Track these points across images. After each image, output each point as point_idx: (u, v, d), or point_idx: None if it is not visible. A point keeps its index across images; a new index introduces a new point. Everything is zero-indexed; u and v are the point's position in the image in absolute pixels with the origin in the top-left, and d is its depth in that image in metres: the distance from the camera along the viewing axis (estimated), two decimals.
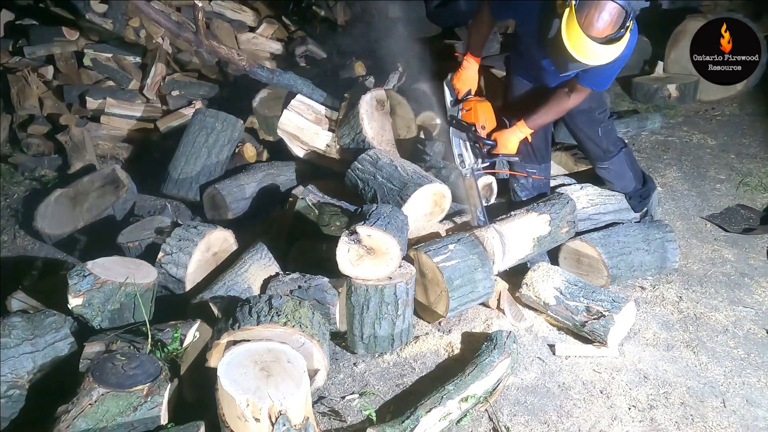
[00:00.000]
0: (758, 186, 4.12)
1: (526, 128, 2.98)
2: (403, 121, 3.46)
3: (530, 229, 3.01)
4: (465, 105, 3.08)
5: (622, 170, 3.30)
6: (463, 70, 3.08)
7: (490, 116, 3.06)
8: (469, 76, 3.08)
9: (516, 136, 2.99)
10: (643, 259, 3.09)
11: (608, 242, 3.06)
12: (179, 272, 2.72)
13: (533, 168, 3.24)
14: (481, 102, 3.07)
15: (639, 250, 3.09)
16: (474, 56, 3.05)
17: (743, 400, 2.51)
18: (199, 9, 3.33)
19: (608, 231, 3.16)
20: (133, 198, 3.58)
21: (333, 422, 2.34)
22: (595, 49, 2.37)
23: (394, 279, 2.55)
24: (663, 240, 3.16)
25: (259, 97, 3.99)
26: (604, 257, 3.00)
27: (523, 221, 3.03)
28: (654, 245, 3.12)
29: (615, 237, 3.10)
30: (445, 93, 3.19)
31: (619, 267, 3.03)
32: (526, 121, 2.96)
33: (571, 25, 2.34)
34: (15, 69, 4.14)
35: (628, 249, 3.07)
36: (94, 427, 1.94)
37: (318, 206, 3.00)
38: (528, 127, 2.97)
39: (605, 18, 2.33)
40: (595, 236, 3.10)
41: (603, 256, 3.00)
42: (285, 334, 2.19)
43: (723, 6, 5.91)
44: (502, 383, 2.48)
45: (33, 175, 3.98)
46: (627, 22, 2.35)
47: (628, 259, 3.06)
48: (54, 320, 2.34)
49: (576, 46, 2.37)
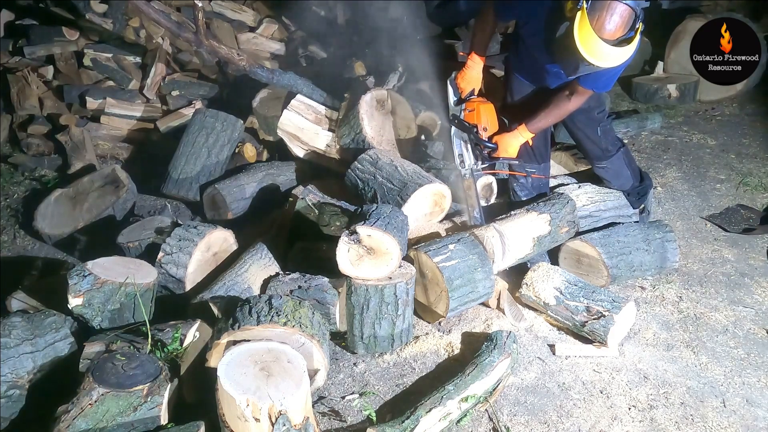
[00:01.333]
0: (758, 186, 4.12)
1: (527, 132, 2.99)
2: (403, 121, 3.46)
3: (530, 229, 3.01)
4: (468, 105, 3.08)
5: (620, 169, 3.30)
6: (468, 69, 3.07)
7: (492, 118, 3.06)
8: (474, 75, 3.08)
9: (517, 140, 3.00)
10: (643, 259, 3.09)
11: (608, 242, 3.06)
12: (179, 272, 2.72)
13: (533, 168, 3.24)
14: (484, 103, 3.07)
15: (639, 250, 3.09)
16: (478, 55, 3.05)
17: (743, 400, 2.51)
18: (199, 9, 3.33)
19: (608, 231, 3.16)
20: (133, 198, 3.58)
21: (333, 422, 2.34)
22: (608, 51, 2.37)
23: (394, 279, 2.55)
24: (663, 240, 3.16)
25: (259, 97, 3.99)
26: (604, 257, 3.00)
27: (523, 221, 3.03)
28: (654, 245, 3.12)
29: (615, 237, 3.10)
30: (448, 92, 3.19)
31: (619, 267, 3.03)
32: (527, 125, 2.97)
33: (583, 27, 2.34)
34: (15, 69, 4.14)
35: (628, 249, 3.07)
36: (94, 427, 1.94)
37: (318, 206, 3.00)
38: (529, 131, 2.98)
39: (616, 20, 2.33)
40: (595, 236, 3.10)
41: (603, 256, 3.00)
42: (285, 334, 2.19)
43: (723, 6, 5.91)
44: (502, 383, 2.48)
45: (33, 175, 3.97)
46: (636, 24, 2.35)
47: (628, 259, 3.06)
48: (54, 320, 2.34)
49: (589, 48, 2.37)
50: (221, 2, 4.92)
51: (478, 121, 3.02)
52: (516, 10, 2.84)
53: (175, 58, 4.50)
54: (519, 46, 3.05)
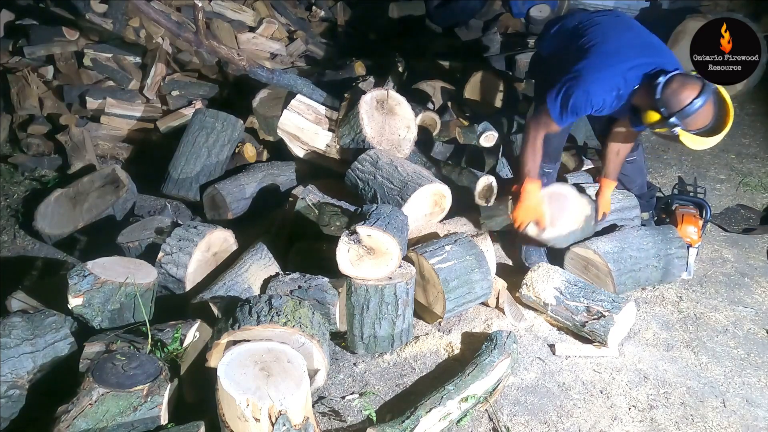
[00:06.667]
0: (758, 186, 4.12)
1: (613, 183, 3.09)
2: (403, 121, 3.46)
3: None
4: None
5: (641, 163, 3.36)
6: (526, 198, 2.89)
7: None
8: (533, 204, 2.91)
9: (610, 194, 3.11)
10: (650, 275, 3.04)
11: (621, 258, 2.95)
12: (179, 272, 2.72)
13: (549, 168, 3.22)
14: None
15: (648, 266, 3.01)
16: (535, 180, 2.88)
17: (743, 400, 2.51)
18: (199, 9, 3.32)
19: (621, 244, 3.02)
20: (133, 198, 3.58)
21: (333, 422, 2.34)
22: (712, 140, 2.48)
23: (394, 279, 2.55)
24: (673, 256, 3.06)
25: (259, 97, 3.99)
26: (614, 274, 2.91)
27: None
28: (664, 261, 3.04)
29: (628, 252, 2.98)
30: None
31: (626, 283, 2.98)
32: (609, 178, 3.07)
33: (690, 139, 2.46)
34: (15, 69, 4.14)
35: (638, 266, 2.98)
36: (94, 427, 1.94)
37: (318, 206, 3.00)
38: (613, 181, 3.08)
39: (709, 112, 2.41)
40: (609, 250, 2.97)
41: (613, 273, 2.91)
42: (285, 334, 2.19)
43: (723, 6, 5.91)
44: (502, 383, 2.48)
45: (33, 175, 3.97)
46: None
47: (636, 275, 2.99)
48: (54, 320, 2.35)
49: (699, 145, 2.50)
50: (221, 2, 4.92)
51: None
52: (579, 113, 2.68)
53: (175, 58, 4.49)
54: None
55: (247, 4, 5.11)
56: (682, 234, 3.20)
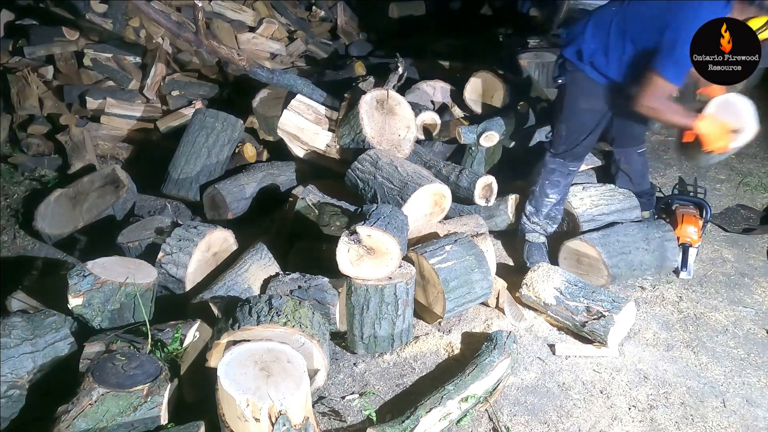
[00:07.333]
0: (758, 186, 4.12)
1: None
2: (403, 121, 3.46)
3: None
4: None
5: (646, 160, 3.39)
6: (707, 129, 2.87)
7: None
8: (716, 128, 2.90)
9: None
10: (643, 258, 3.09)
11: (608, 242, 3.06)
12: (179, 272, 2.72)
13: (574, 166, 3.20)
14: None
15: (639, 249, 3.09)
16: (696, 117, 2.90)
17: (743, 400, 2.51)
18: (199, 9, 3.32)
19: (607, 230, 3.16)
20: (133, 198, 3.58)
21: (333, 422, 2.34)
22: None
23: (394, 279, 2.55)
24: (662, 239, 3.15)
25: (259, 97, 3.99)
26: (604, 257, 3.00)
27: None
28: (654, 244, 3.12)
29: (614, 236, 3.10)
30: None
31: (619, 266, 3.03)
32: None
33: None
34: (15, 69, 4.14)
35: (627, 248, 3.07)
36: (94, 427, 1.94)
37: (318, 206, 3.00)
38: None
39: None
40: (595, 236, 3.10)
41: (603, 256, 3.00)
42: (285, 334, 2.19)
43: None
44: (502, 383, 2.48)
45: (33, 175, 3.97)
46: None
47: (627, 258, 3.06)
48: (54, 320, 2.34)
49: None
50: (221, 2, 4.92)
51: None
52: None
53: (175, 58, 4.49)
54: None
55: (247, 4, 5.12)
56: (682, 234, 3.21)
